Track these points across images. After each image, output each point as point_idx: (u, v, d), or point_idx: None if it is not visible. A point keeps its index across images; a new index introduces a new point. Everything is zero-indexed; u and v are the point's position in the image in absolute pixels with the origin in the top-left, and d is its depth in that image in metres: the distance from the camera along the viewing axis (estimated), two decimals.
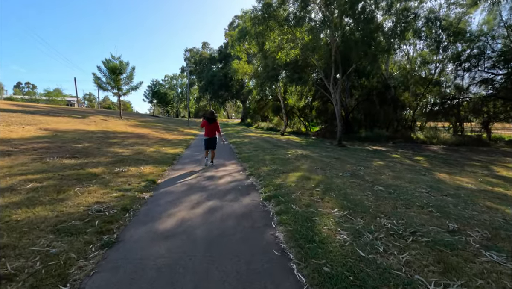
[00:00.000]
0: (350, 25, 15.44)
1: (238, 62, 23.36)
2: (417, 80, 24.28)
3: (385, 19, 15.76)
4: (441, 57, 22.36)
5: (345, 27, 15.81)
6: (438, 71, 22.83)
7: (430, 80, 23.19)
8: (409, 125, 23.85)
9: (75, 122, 12.15)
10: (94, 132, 10.73)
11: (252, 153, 9.44)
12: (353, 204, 4.06)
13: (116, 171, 5.70)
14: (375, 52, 14.41)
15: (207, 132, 6.97)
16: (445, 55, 21.88)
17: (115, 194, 4.23)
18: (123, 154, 7.58)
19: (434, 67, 23.88)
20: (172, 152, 8.95)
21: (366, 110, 25.43)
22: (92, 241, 2.77)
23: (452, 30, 19.82)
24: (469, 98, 19.17)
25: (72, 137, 8.90)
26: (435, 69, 23.66)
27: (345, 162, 8.57)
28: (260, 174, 6.09)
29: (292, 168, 6.81)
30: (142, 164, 6.62)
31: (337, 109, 16.06)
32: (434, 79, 22.43)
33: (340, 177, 6.04)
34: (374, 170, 7.32)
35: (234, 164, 7.56)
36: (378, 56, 14.79)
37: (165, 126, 19.03)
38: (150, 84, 36.06)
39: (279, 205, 4.02)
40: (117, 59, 16.91)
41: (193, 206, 4.07)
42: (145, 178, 5.37)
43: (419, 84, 23.94)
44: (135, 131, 13.11)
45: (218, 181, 5.59)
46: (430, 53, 23.88)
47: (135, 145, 9.54)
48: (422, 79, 23.98)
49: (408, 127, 23.11)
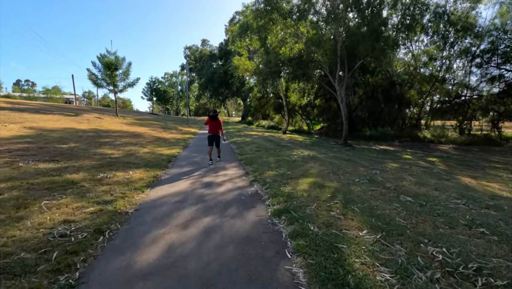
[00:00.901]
0: (356, 19, 14.59)
1: (239, 59, 22.49)
2: (422, 77, 23.45)
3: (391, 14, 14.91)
4: (447, 54, 21.49)
5: (351, 21, 14.97)
6: (444, 68, 21.97)
7: (436, 78, 22.36)
8: (414, 123, 23.05)
9: (65, 121, 11.34)
10: (85, 131, 9.92)
11: (255, 154, 8.64)
12: (384, 222, 3.26)
13: (100, 177, 4.90)
14: (383, 47, 13.55)
15: (210, 129, 7.05)
16: (452, 51, 21.01)
17: (91, 209, 3.43)
18: (113, 156, 6.78)
19: (439, 64, 23.03)
20: (167, 153, 8.14)
21: (370, 108, 24.62)
22: (40, 287, 1.97)
23: (461, 25, 18.95)
24: (478, 95, 18.31)
25: (59, 136, 8.09)
26: (441, 66, 22.81)
27: (356, 164, 7.77)
28: (265, 180, 5.29)
29: (301, 172, 6.01)
30: (132, 168, 5.83)
31: (343, 107, 15.24)
32: (441, 77, 21.60)
33: (357, 184, 5.23)
34: (391, 174, 6.52)
35: (236, 167, 6.76)
36: (387, 51, 13.93)
37: (163, 125, 18.20)
38: (149, 82, 35.13)
39: (292, 224, 3.22)
40: (112, 55, 16.04)
41: (186, 224, 3.27)
42: (132, 186, 4.57)
43: (424, 82, 23.10)
44: (130, 130, 12.30)
45: (217, 189, 4.79)
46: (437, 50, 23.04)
47: (128, 145, 8.73)
48: (427, 76, 23.16)
49: (414, 126, 22.29)
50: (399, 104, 22.85)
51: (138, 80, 17.23)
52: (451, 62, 21.55)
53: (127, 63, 16.63)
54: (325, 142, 16.01)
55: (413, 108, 23.27)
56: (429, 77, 22.99)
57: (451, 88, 20.76)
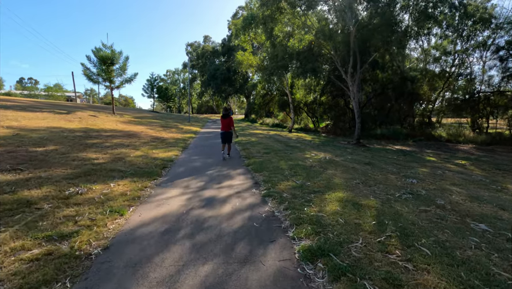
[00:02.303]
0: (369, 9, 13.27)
1: (242, 54, 21.21)
2: (434, 73, 22.07)
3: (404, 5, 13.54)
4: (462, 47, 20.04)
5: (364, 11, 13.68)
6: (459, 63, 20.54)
7: (449, 73, 20.97)
8: (425, 121, 21.72)
9: (54, 119, 10.22)
10: (72, 130, 8.79)
11: (264, 157, 7.45)
12: (480, 279, 2.07)
13: (68, 193, 3.75)
14: (400, 39, 12.26)
15: (223, 126, 7.24)
16: (467, 45, 19.59)
17: (34, 252, 2.28)
18: (96, 161, 5.63)
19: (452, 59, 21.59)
20: (163, 156, 6.99)
21: (379, 105, 23.31)
22: None
23: (479, 17, 17.56)
24: (499, 92, 16.92)
25: (38, 137, 6.95)
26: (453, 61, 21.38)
27: (383, 170, 6.56)
28: (281, 195, 4.11)
29: (324, 183, 4.81)
30: (115, 178, 4.67)
31: (355, 104, 14.00)
32: (456, 72, 20.22)
33: (400, 200, 4.04)
34: (429, 183, 5.31)
35: (243, 175, 5.58)
36: (405, 43, 12.63)
37: (163, 123, 17.02)
38: (149, 78, 33.85)
39: (337, 280, 2.04)
40: (108, 48, 14.85)
41: (173, 279, 2.11)
42: (108, 206, 3.41)
43: (437, 78, 21.73)
44: (125, 129, 11.15)
45: (221, 209, 3.61)
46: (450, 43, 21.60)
47: (119, 146, 7.58)
48: (440, 72, 21.78)
49: (427, 124, 20.97)
50: (410, 101, 21.52)
51: (136, 76, 16.02)
52: (467, 57, 20.15)
53: (124, 58, 15.40)
54: (335, 142, 14.78)
55: (426, 105, 21.93)
56: (442, 73, 21.64)
57: (467, 84, 19.37)
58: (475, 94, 17.73)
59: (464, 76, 18.96)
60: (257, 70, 20.91)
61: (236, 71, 33.99)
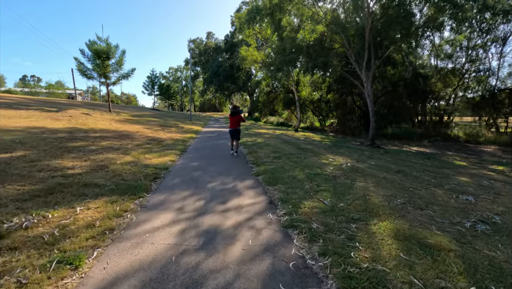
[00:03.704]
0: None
1: (246, 49, 19.94)
2: (448, 69, 20.72)
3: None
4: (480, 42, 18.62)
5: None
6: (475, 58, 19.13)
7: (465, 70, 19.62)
8: (439, 120, 20.43)
9: (39, 118, 9.09)
10: (55, 131, 7.65)
11: (275, 163, 6.28)
12: None
13: (7, 227, 2.59)
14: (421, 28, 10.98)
15: (231, 124, 7.37)
16: (487, 38, 18.19)
17: None
18: (70, 172, 4.48)
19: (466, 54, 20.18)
20: (157, 163, 5.83)
21: (388, 103, 21.99)
22: None
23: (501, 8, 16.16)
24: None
25: (10, 140, 5.82)
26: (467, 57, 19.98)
27: (418, 179, 5.36)
28: (310, 225, 2.93)
29: (360, 203, 3.63)
30: (88, 196, 3.52)
31: (370, 101, 12.76)
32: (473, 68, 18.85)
33: (478, 235, 2.84)
34: (490, 201, 4.12)
35: (253, 189, 4.40)
36: (428, 34, 11.35)
37: (162, 122, 15.84)
38: (150, 75, 32.57)
39: None
40: (103, 41, 13.67)
41: None
42: (58, 253, 2.25)
43: (451, 74, 20.38)
44: (119, 129, 10.01)
45: (226, 254, 2.44)
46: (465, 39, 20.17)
47: (106, 150, 6.44)
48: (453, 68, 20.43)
49: (440, 123, 19.67)
50: (423, 99, 20.20)
51: (133, 71, 14.75)
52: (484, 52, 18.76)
53: (120, 52, 14.17)
54: (347, 142, 13.56)
55: (440, 103, 20.61)
56: (456, 69, 20.29)
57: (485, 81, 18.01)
58: (496, 92, 16.38)
59: (484, 73, 17.55)
60: (262, 66, 19.66)
61: (239, 68, 32.76)
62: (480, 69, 17.95)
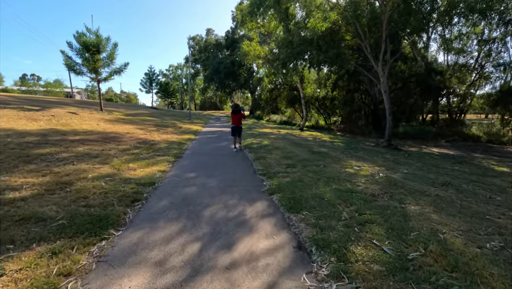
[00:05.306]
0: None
1: (249, 44, 18.54)
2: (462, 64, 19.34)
3: None
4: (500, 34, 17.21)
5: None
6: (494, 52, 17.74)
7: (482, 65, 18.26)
8: (453, 118, 19.08)
9: (12, 118, 7.79)
10: (26, 134, 6.35)
11: (290, 174, 4.97)
12: None
13: None
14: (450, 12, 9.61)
15: (233, 121, 7.77)
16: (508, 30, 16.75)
17: None
18: (13, 194, 3.19)
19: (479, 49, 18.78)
20: (142, 175, 4.54)
21: (398, 100, 20.60)
22: None
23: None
24: None
25: None
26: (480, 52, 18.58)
27: (479, 196, 4.07)
28: None
29: (435, 248, 2.33)
30: (15, 244, 2.23)
31: (386, 97, 11.43)
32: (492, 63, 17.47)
33: None
34: None
35: (268, 219, 3.10)
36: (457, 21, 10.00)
37: (159, 121, 14.50)
38: (148, 72, 31.10)
39: None
40: (93, 33, 12.28)
41: None
42: None
43: (465, 69, 19.01)
44: (107, 130, 8.70)
45: None
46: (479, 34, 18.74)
47: (81, 159, 5.14)
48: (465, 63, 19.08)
49: (456, 121, 18.32)
50: (436, 96, 18.83)
51: (126, 66, 13.32)
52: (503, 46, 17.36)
53: (112, 45, 12.79)
54: (360, 143, 12.25)
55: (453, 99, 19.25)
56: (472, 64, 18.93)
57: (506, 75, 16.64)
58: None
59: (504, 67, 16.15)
60: (265, 62, 18.29)
61: (240, 64, 31.36)
62: (500, 63, 16.56)
